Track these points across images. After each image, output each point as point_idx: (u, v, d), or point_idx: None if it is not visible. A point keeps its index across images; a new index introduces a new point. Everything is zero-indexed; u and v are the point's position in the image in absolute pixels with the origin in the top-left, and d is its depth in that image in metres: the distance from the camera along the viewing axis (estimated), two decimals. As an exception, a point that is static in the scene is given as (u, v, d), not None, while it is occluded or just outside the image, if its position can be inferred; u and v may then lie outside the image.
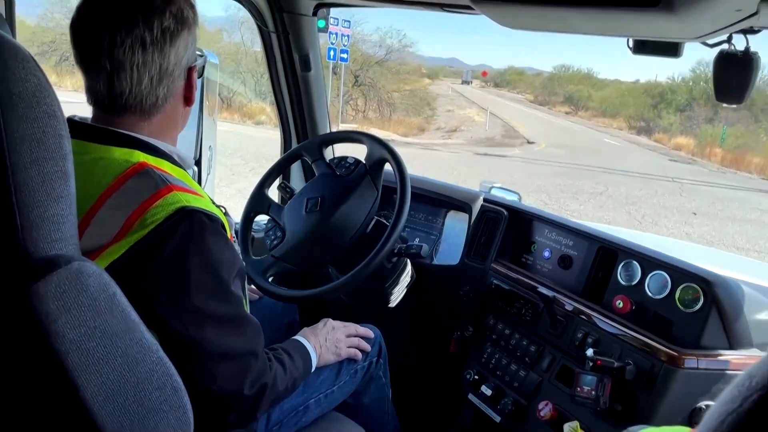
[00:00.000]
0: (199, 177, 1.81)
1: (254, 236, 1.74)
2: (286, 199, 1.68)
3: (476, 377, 1.64)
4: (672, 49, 1.24)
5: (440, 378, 1.83)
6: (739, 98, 1.22)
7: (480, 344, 1.69)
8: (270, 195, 1.69)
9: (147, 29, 0.92)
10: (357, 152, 1.63)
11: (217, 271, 0.94)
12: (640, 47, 1.25)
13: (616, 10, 0.92)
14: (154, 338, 0.79)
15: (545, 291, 1.53)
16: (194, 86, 1.04)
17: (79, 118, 1.00)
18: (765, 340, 1.34)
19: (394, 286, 1.62)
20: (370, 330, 1.44)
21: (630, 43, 1.26)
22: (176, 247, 0.89)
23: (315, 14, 1.95)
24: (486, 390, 1.59)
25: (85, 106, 1.02)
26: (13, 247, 0.64)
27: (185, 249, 0.90)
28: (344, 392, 1.38)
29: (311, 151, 1.66)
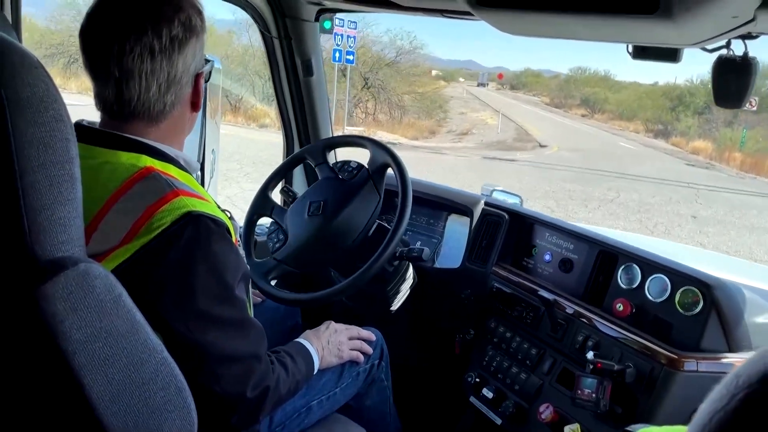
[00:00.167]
0: (202, 180, 1.82)
1: (257, 239, 1.74)
2: (289, 203, 1.69)
3: (477, 380, 1.65)
4: (671, 55, 1.25)
5: (442, 380, 1.84)
6: (738, 102, 1.23)
7: (481, 347, 1.70)
8: (273, 198, 1.71)
9: (156, 37, 0.92)
10: (360, 157, 1.65)
11: (223, 276, 0.94)
12: (640, 53, 1.27)
13: (615, 17, 0.94)
14: (159, 339, 0.81)
15: (546, 294, 1.53)
16: (201, 92, 1.04)
17: (87, 123, 1.01)
18: (765, 343, 1.34)
19: (396, 290, 1.63)
20: (372, 333, 1.45)
21: (629, 49, 1.27)
22: (182, 252, 0.90)
23: (317, 20, 1.97)
24: (487, 393, 1.60)
25: (90, 109, 1.03)
26: (21, 250, 0.65)
27: (191, 253, 0.91)
28: (346, 394, 1.39)
29: (315, 155, 1.67)
